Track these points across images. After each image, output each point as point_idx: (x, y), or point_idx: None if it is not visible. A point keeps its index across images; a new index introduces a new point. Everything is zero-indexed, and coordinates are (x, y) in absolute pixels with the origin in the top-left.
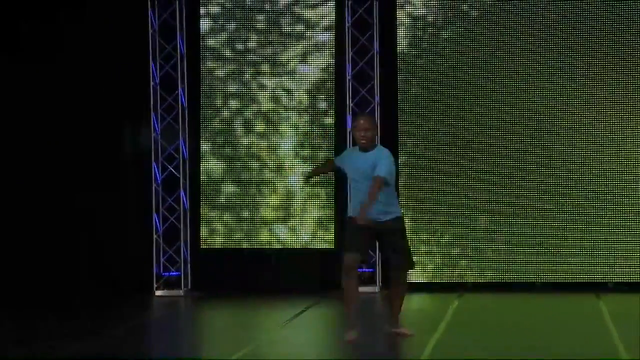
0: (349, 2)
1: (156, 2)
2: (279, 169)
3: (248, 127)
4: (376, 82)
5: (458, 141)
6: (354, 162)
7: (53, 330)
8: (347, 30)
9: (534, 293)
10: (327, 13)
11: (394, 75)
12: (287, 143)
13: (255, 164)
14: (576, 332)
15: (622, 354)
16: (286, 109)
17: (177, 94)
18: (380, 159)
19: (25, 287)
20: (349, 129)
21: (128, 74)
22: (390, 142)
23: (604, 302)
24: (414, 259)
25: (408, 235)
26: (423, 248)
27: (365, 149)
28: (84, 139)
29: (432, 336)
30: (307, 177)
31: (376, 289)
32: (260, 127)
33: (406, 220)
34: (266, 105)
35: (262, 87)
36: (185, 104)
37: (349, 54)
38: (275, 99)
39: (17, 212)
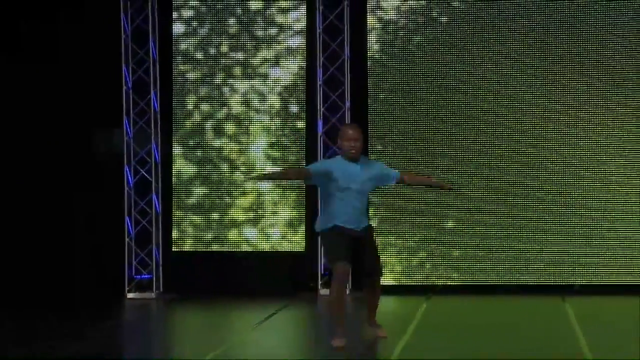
0: (320, 8)
1: (129, 7)
2: (251, 172)
3: (220, 131)
4: (347, 87)
5: (427, 146)
6: (346, 170)
7: (29, 331)
8: (318, 35)
9: (501, 295)
10: (298, 18)
11: (364, 81)
12: (259, 147)
13: (227, 168)
14: (543, 333)
15: (587, 355)
16: (258, 113)
17: (150, 98)
18: (382, 167)
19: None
20: (319, 133)
21: (101, 78)
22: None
23: (569, 305)
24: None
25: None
26: (392, 251)
27: (354, 159)
28: (56, 142)
29: (402, 338)
30: (259, 178)
31: (346, 292)
32: (232, 130)
33: (375, 223)
34: (238, 109)
35: (234, 91)
36: (158, 108)
37: (319, 59)
38: (248, 103)
39: None
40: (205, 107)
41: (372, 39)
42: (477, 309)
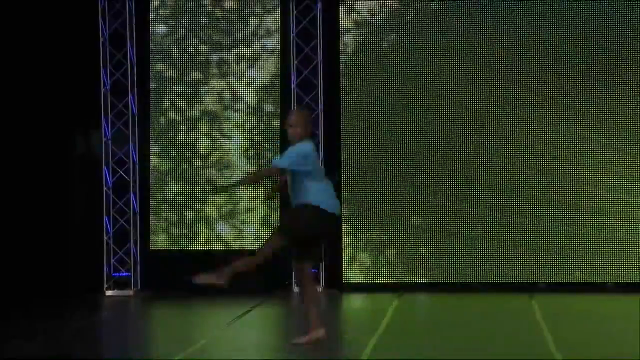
0: (294, 13)
1: (107, 12)
2: (229, 173)
3: (196, 133)
4: (320, 90)
5: (397, 146)
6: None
7: (5, 331)
8: (292, 40)
9: (471, 293)
10: (273, 23)
11: (336, 83)
12: (237, 148)
13: (203, 169)
14: (511, 330)
15: (553, 351)
16: (234, 114)
17: (127, 100)
18: (288, 151)
19: None
20: None
21: (80, 80)
22: (333, 147)
23: (536, 302)
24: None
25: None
26: (364, 249)
27: (292, 143)
28: (36, 144)
29: (374, 335)
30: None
31: (320, 289)
32: (208, 132)
33: (351, 220)
34: (214, 111)
35: (210, 93)
36: (135, 110)
37: (293, 62)
38: (224, 106)
39: None
40: (181, 109)
41: (344, 43)
42: (447, 306)
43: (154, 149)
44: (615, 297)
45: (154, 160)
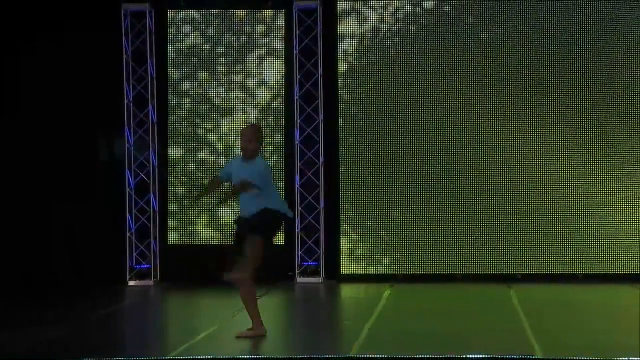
0: (297, 33)
1: (129, 31)
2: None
3: (209, 139)
4: (320, 102)
5: (389, 152)
6: (239, 171)
7: (32, 317)
8: (295, 56)
9: (455, 283)
10: (278, 41)
11: (335, 96)
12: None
13: (215, 171)
14: (490, 317)
15: (529, 333)
16: (243, 123)
17: (148, 110)
18: (255, 171)
19: (9, 280)
20: (296, 141)
21: (105, 93)
22: (333, 152)
23: (513, 291)
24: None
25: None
26: (360, 244)
27: (246, 159)
28: (66, 149)
29: (368, 321)
30: (198, 197)
31: (320, 279)
32: (219, 138)
33: (348, 218)
34: (225, 120)
35: (221, 104)
36: (155, 119)
37: (296, 77)
38: (233, 115)
39: (4, 212)
40: (196, 118)
41: (342, 58)
42: (434, 296)
43: (171, 154)
44: (585, 286)
45: (171, 164)
